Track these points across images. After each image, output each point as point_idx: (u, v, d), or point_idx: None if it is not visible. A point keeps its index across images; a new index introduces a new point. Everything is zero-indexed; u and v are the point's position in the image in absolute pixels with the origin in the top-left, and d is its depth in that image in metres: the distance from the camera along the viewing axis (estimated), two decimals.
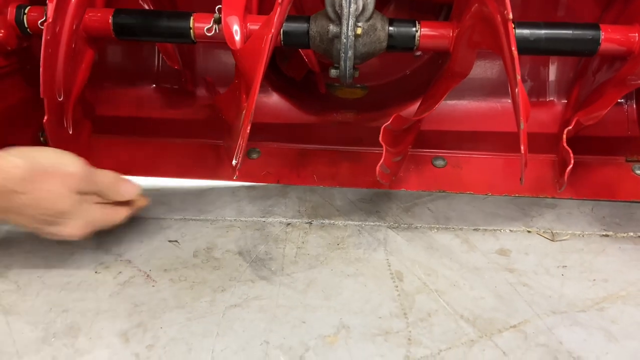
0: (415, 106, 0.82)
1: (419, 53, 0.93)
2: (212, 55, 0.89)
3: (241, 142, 0.62)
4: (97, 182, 0.60)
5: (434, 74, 0.84)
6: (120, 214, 0.65)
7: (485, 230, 0.73)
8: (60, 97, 0.67)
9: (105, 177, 0.62)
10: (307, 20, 0.68)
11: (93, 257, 0.66)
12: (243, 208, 0.77)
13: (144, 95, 0.90)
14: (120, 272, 0.64)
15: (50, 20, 0.61)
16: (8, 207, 0.55)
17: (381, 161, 0.65)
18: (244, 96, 0.69)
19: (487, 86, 0.86)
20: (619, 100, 0.80)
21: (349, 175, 0.84)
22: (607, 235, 0.72)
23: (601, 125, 0.74)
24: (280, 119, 0.89)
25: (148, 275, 0.63)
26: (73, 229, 0.59)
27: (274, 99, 0.89)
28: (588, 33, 0.66)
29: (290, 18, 0.68)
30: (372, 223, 0.74)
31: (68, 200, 0.57)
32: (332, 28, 0.65)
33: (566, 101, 0.85)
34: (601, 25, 0.67)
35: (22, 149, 0.56)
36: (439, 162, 0.85)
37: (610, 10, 0.75)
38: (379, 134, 0.65)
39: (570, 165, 0.66)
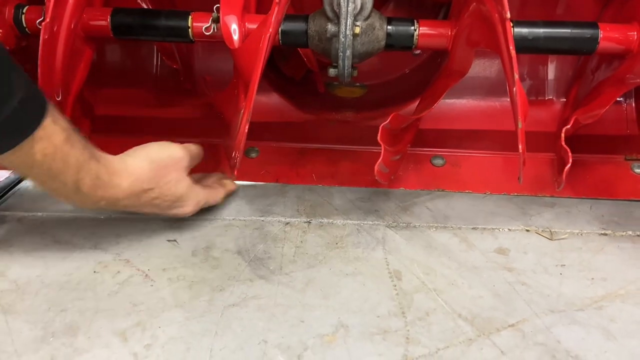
0: (414, 105, 0.82)
1: (417, 52, 0.93)
2: (211, 55, 0.89)
3: (239, 141, 0.62)
4: (192, 156, 0.69)
5: (432, 73, 0.84)
6: (219, 194, 0.74)
7: (484, 229, 0.73)
8: (58, 97, 0.67)
9: (193, 148, 0.70)
10: (306, 19, 0.68)
11: (92, 256, 0.66)
12: (242, 207, 0.77)
13: (143, 95, 0.90)
14: (118, 272, 0.64)
15: (48, 19, 0.61)
16: (142, 203, 0.63)
17: (380, 160, 0.65)
18: (243, 95, 0.69)
19: (486, 85, 0.86)
20: (617, 99, 0.80)
21: (347, 175, 0.84)
22: (605, 234, 0.72)
23: (600, 123, 0.74)
24: (279, 118, 0.89)
25: (146, 275, 0.63)
26: (189, 208, 0.68)
27: (273, 98, 0.89)
28: (586, 32, 0.66)
29: (288, 17, 0.68)
30: (370, 222, 0.74)
31: (184, 184, 0.66)
32: (331, 27, 0.65)
33: (565, 100, 0.85)
34: (600, 24, 0.67)
35: (134, 151, 0.64)
36: (438, 161, 0.85)
37: (609, 9, 0.75)
38: (378, 133, 0.65)
39: (569, 164, 0.66)
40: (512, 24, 0.61)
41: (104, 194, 0.59)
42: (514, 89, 0.56)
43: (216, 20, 0.67)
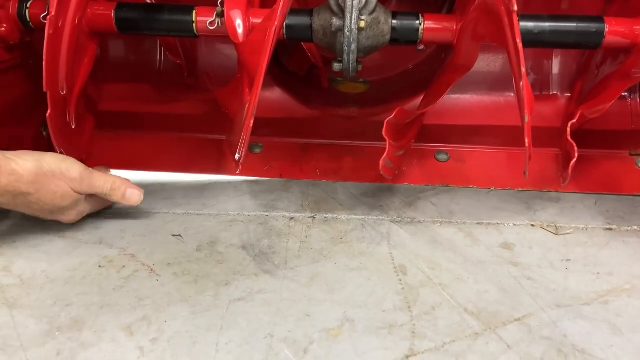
0: (418, 101, 0.82)
1: (422, 47, 0.93)
2: (215, 49, 0.89)
3: (244, 137, 0.62)
4: (95, 187, 0.68)
5: (436, 68, 0.84)
6: (105, 204, 0.73)
7: (489, 224, 0.73)
8: (63, 91, 0.67)
9: (105, 184, 0.69)
10: (310, 13, 0.68)
11: (97, 251, 0.66)
12: (246, 203, 0.77)
13: (147, 90, 0.90)
14: (124, 266, 0.64)
15: (52, 14, 0.61)
16: (18, 204, 0.63)
17: (384, 155, 0.64)
18: (247, 90, 0.69)
19: (491, 80, 0.86)
20: (622, 94, 0.80)
21: (352, 170, 0.84)
22: (611, 229, 0.71)
23: (605, 118, 0.73)
24: (283, 114, 0.89)
25: (152, 270, 0.63)
26: (70, 217, 0.69)
27: (276, 94, 0.89)
28: (592, 26, 0.66)
29: (293, 11, 0.68)
30: (375, 217, 0.74)
31: (68, 199, 0.66)
32: (336, 21, 0.65)
33: (570, 95, 0.85)
34: (605, 18, 0.67)
35: (28, 153, 0.63)
36: (442, 157, 0.85)
37: (615, 3, 0.74)
38: (382, 128, 0.64)
39: (575, 159, 0.66)
40: (517, 18, 0.60)
41: None
42: (521, 83, 0.55)
43: (220, 15, 0.67)
